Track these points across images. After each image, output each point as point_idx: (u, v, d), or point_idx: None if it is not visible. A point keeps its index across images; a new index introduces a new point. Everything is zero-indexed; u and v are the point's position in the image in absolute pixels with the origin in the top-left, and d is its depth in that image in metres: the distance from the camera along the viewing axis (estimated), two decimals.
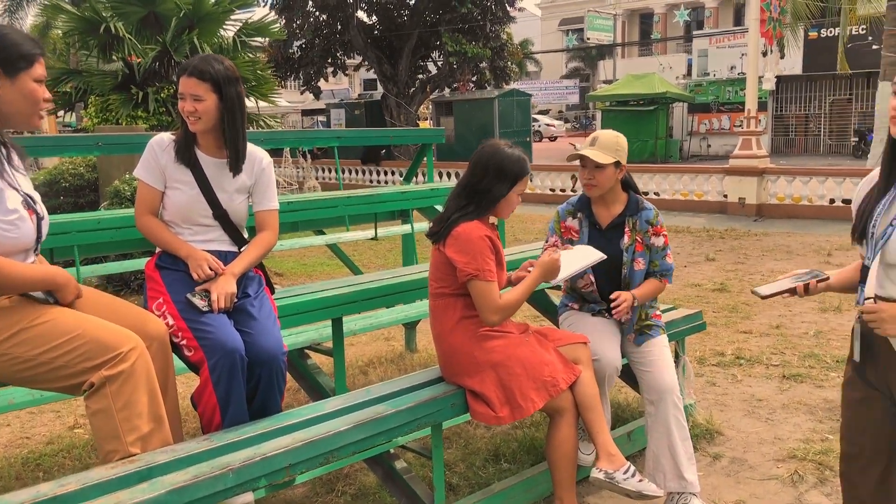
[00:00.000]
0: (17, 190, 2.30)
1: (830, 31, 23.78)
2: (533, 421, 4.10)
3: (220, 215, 2.84)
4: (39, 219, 2.40)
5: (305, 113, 34.75)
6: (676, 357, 4.12)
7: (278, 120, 20.17)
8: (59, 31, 13.99)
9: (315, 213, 4.15)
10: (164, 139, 2.81)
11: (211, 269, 2.74)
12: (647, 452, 3.40)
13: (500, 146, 2.98)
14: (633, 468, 2.97)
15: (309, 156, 16.18)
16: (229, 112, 2.74)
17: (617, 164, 3.30)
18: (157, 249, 2.86)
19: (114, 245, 3.37)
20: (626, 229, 3.37)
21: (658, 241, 3.40)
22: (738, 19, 34.51)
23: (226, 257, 2.85)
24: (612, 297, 3.26)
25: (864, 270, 2.29)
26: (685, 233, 11.45)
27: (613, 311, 3.27)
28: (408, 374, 3.34)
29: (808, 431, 4.10)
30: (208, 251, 2.82)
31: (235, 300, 2.75)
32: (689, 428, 3.94)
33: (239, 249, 2.92)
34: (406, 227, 4.86)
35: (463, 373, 2.95)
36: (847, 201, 12.43)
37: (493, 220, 3.15)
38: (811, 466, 3.68)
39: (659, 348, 3.43)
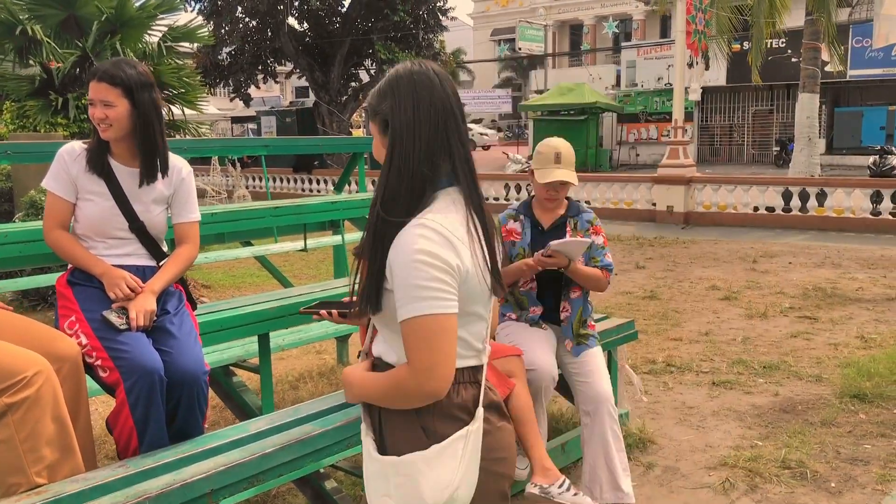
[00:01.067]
0: None
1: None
2: None
3: (137, 228, 2.70)
4: None
5: (235, 120, 34.17)
6: (610, 365, 4.12)
7: (208, 128, 19.76)
8: None
9: (242, 224, 4.01)
10: (74, 148, 2.65)
11: (129, 287, 2.60)
12: (583, 464, 3.39)
13: None
14: (568, 482, 2.93)
15: (238, 164, 15.85)
16: (143, 118, 2.60)
17: None
18: (69, 265, 2.70)
19: (24, 259, 3.17)
20: (568, 229, 3.42)
21: (598, 240, 3.47)
22: (665, 31, 35.34)
23: (144, 272, 2.71)
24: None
25: None
26: (616, 241, 11.60)
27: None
28: (339, 389, 3.24)
29: (738, 438, 4.14)
30: (125, 266, 2.67)
31: (155, 318, 2.61)
32: (623, 437, 3.97)
33: (158, 264, 2.77)
34: (337, 238, 4.76)
35: None
36: (770, 209, 12.81)
37: None
38: (741, 473, 3.71)
39: (595, 359, 3.43)
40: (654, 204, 13.96)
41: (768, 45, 23.55)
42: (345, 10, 23.06)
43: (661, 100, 27.50)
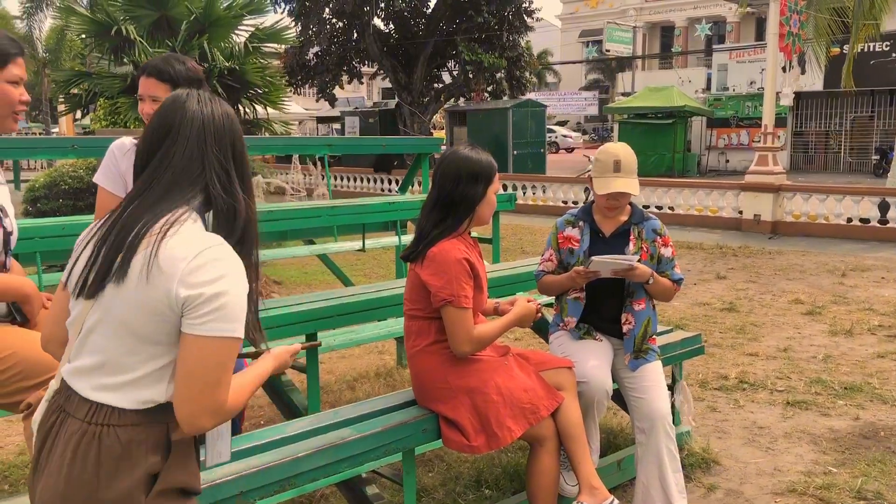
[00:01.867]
0: None
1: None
2: (520, 446, 3.91)
3: None
4: (7, 234, 2.28)
5: (321, 120, 34.79)
6: (674, 382, 3.94)
7: (293, 126, 20.13)
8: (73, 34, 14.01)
9: (298, 222, 4.00)
10: (125, 143, 2.67)
11: None
12: (636, 483, 3.24)
13: (464, 152, 2.81)
14: (616, 502, 2.79)
15: (320, 163, 16.07)
16: None
17: None
18: None
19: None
20: (632, 237, 3.26)
21: (666, 252, 3.30)
22: (761, 34, 34.16)
23: None
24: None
25: None
26: (698, 249, 11.22)
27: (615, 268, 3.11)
28: (395, 391, 3.18)
29: (811, 463, 3.89)
30: None
31: None
32: (685, 456, 3.79)
33: None
34: (395, 239, 4.71)
35: (436, 398, 2.78)
36: (864, 220, 12.17)
37: (475, 232, 3.00)
38: (811, 502, 3.48)
39: (653, 374, 3.27)
40: (740, 212, 13.45)
41: (871, 49, 22.48)
42: (429, 11, 23.15)
43: (753, 104, 26.56)
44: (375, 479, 3.23)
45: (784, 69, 14.08)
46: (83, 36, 11.34)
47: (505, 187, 16.72)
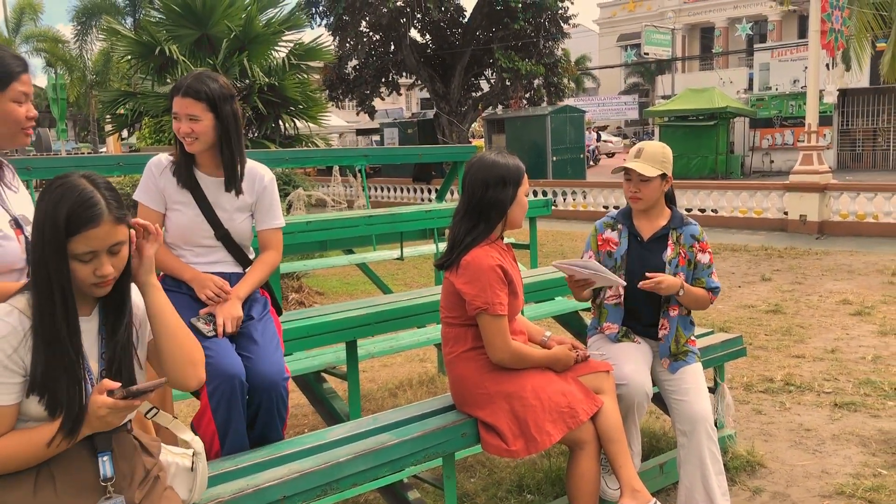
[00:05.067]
0: (5, 210, 2.26)
1: None
2: (562, 450, 3.90)
3: (223, 235, 2.77)
4: (29, 243, 2.35)
5: (360, 132, 35.08)
6: (715, 384, 3.90)
7: (332, 140, 20.35)
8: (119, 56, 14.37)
9: (337, 232, 4.07)
10: (161, 161, 2.75)
11: (217, 291, 2.67)
12: (679, 487, 3.21)
13: (491, 157, 2.84)
14: None
15: (359, 174, 16.25)
16: (225, 131, 2.67)
17: (663, 175, 3.18)
18: (160, 272, 2.80)
19: None
20: (670, 242, 3.24)
21: (704, 258, 3.27)
22: (803, 31, 33.53)
23: (231, 279, 2.78)
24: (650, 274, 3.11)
25: None
26: (742, 251, 11.06)
27: (641, 283, 3.11)
28: (435, 396, 3.21)
29: (859, 465, 3.82)
30: (213, 273, 2.75)
31: (240, 323, 2.68)
32: (729, 459, 3.75)
33: (244, 270, 2.84)
34: (432, 247, 4.75)
35: (474, 404, 2.80)
36: None
37: (511, 237, 3.03)
38: None
39: (693, 376, 3.25)
40: (785, 213, 13.21)
41: None
42: (466, 20, 23.23)
43: (797, 103, 26.07)
44: (417, 485, 3.25)
45: (828, 66, 13.83)
46: (128, 58, 11.62)
47: (544, 193, 16.68)
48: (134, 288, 2.06)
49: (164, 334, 2.03)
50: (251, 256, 2.89)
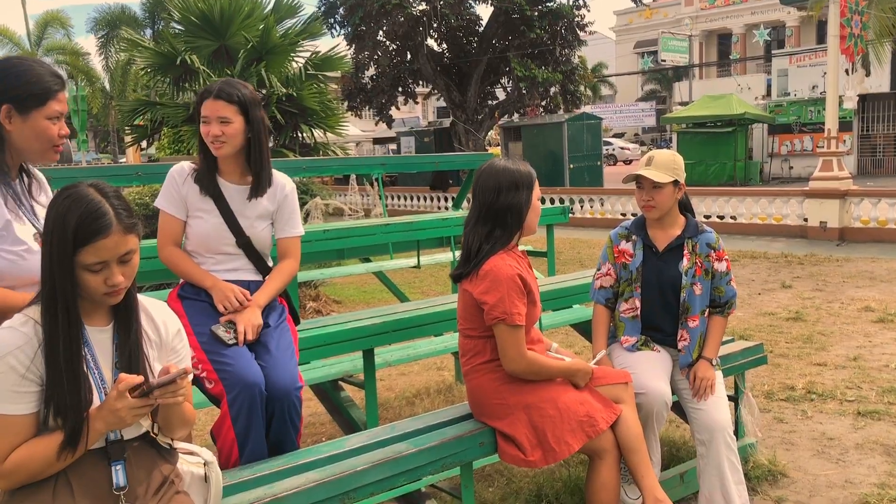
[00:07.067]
0: (31, 223, 2.27)
1: None
2: (581, 459, 3.88)
3: (244, 243, 2.78)
4: None
5: (377, 141, 35.20)
6: (737, 393, 3.86)
7: (350, 149, 20.42)
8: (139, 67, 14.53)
9: (354, 240, 4.07)
10: (184, 168, 2.77)
11: (237, 300, 2.68)
12: (699, 496, 3.18)
13: (500, 163, 2.83)
14: None
15: (376, 183, 16.29)
16: (255, 135, 2.69)
17: (675, 182, 3.16)
18: (180, 280, 2.82)
19: (142, 275, 3.35)
20: (686, 252, 3.21)
21: (721, 266, 3.25)
22: (822, 37, 33.33)
23: (250, 286, 2.79)
24: (693, 380, 3.18)
25: None
26: (762, 258, 10.97)
27: (696, 397, 3.17)
28: (454, 405, 3.20)
29: (884, 475, 3.76)
30: (233, 281, 2.76)
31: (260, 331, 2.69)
32: (750, 468, 3.71)
33: (263, 278, 2.85)
34: (449, 255, 4.74)
35: (492, 414, 2.79)
36: None
37: (529, 245, 3.01)
38: None
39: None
40: (805, 219, 13.10)
41: None
42: (482, 29, 23.28)
43: (816, 109, 25.88)
44: (435, 494, 3.24)
45: (847, 72, 13.71)
46: (148, 70, 11.73)
47: (561, 201, 16.64)
48: (156, 304, 2.07)
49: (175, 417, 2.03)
50: (270, 264, 2.90)
